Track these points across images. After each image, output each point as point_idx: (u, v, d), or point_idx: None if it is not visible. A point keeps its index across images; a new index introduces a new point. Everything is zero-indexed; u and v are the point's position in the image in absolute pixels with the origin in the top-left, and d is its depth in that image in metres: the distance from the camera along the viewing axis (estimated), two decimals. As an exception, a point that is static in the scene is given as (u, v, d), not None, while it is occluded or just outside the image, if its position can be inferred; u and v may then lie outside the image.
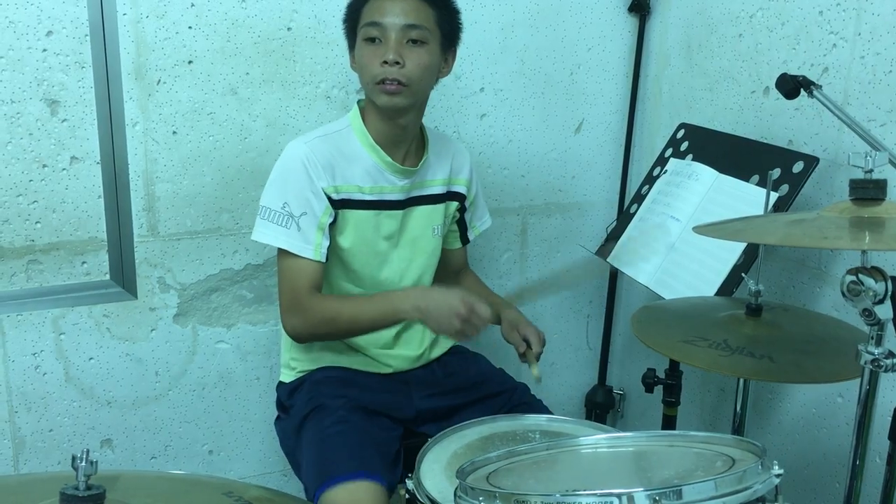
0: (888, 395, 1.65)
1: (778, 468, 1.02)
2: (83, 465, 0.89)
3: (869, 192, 1.14)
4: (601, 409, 2.45)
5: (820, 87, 1.62)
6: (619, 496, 0.94)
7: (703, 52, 2.16)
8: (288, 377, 1.77)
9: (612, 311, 2.43)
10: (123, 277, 1.90)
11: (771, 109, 1.93)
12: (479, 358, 1.90)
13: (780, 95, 1.67)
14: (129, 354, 1.95)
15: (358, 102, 1.71)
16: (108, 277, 1.89)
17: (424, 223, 1.75)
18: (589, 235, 2.39)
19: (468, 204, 1.86)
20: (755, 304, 1.45)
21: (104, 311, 1.90)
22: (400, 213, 1.71)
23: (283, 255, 1.62)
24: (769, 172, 1.56)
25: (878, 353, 1.10)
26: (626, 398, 2.52)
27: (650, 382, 1.79)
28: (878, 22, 1.66)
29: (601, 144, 2.37)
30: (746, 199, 1.71)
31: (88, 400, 1.94)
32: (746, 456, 1.07)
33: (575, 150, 2.34)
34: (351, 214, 1.65)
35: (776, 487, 1.01)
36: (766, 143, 1.87)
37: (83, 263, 1.86)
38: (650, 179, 2.03)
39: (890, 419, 1.27)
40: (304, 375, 1.75)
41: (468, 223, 1.89)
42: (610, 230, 2.08)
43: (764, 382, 1.95)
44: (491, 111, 2.21)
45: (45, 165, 1.79)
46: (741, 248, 1.67)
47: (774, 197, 1.64)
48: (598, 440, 1.21)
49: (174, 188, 1.91)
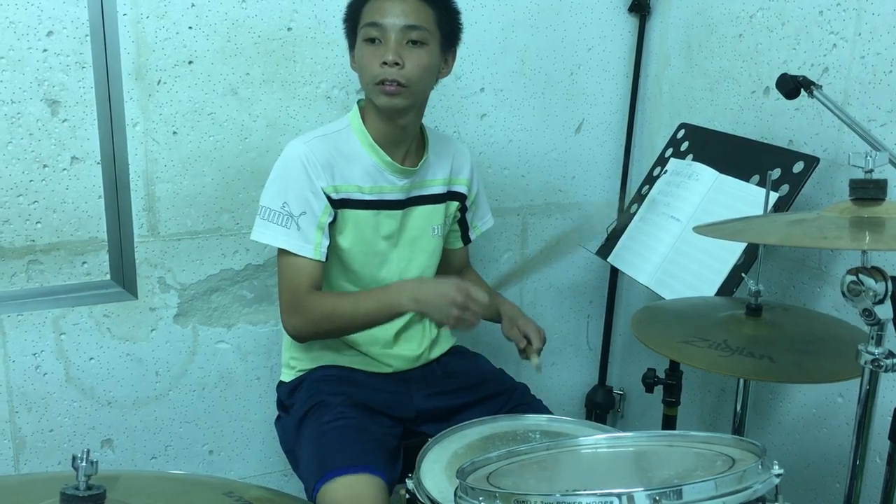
0: (888, 395, 1.65)
1: (778, 468, 1.02)
2: (83, 465, 0.90)
3: (869, 192, 1.14)
4: (601, 409, 2.45)
5: (820, 87, 1.62)
6: (619, 496, 0.94)
7: (703, 52, 2.16)
8: (288, 377, 1.78)
9: (612, 311, 2.43)
10: (124, 277, 1.90)
11: (771, 109, 1.93)
12: (479, 358, 1.90)
13: (780, 95, 1.67)
14: (129, 354, 1.95)
15: (358, 102, 1.71)
16: (108, 277, 1.89)
17: (424, 223, 1.75)
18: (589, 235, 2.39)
19: (469, 204, 1.86)
20: (755, 304, 1.45)
21: (104, 311, 1.90)
22: (399, 213, 1.71)
23: (282, 254, 1.62)
24: (769, 172, 1.56)
25: (878, 353, 1.10)
26: (626, 398, 2.52)
27: (650, 382, 1.79)
28: (878, 22, 1.66)
29: (601, 144, 2.37)
30: (747, 199, 1.71)
31: (89, 400, 1.94)
32: (746, 456, 1.07)
33: (575, 150, 2.34)
34: (350, 214, 1.65)
35: (776, 487, 1.01)
36: (766, 143, 1.87)
37: (83, 263, 1.86)
38: (650, 179, 2.03)
39: (890, 419, 1.27)
40: (303, 374, 1.75)
41: (469, 223, 1.89)
42: (610, 230, 2.08)
43: (764, 382, 1.95)
44: (491, 111, 2.21)
45: (45, 165, 1.79)
46: (741, 248, 1.67)
47: (775, 197, 1.64)
48: (598, 440, 1.21)
49: (174, 188, 1.91)
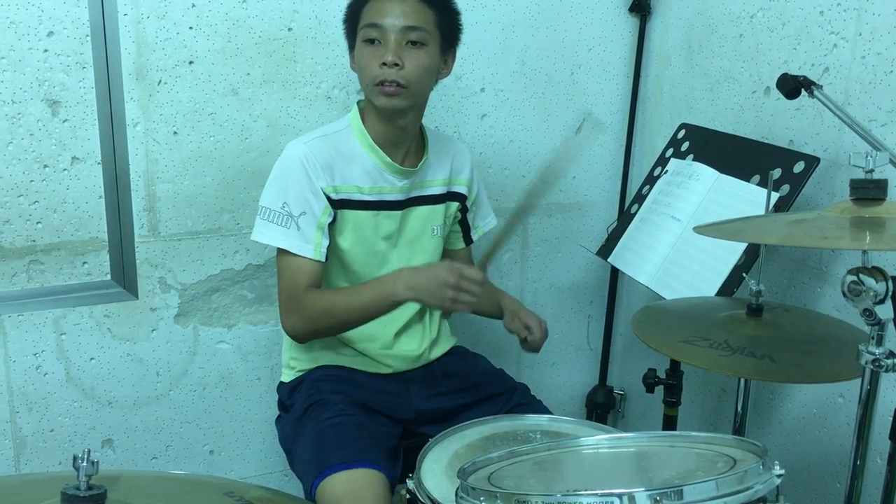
0: (889, 395, 1.65)
1: (779, 468, 1.02)
2: (84, 465, 0.89)
3: (870, 192, 1.14)
4: (602, 409, 2.45)
5: (821, 87, 1.62)
6: (620, 496, 0.94)
7: (703, 52, 2.15)
8: (288, 377, 1.78)
9: (612, 311, 2.43)
10: (124, 278, 1.90)
11: (772, 109, 1.93)
12: (478, 358, 1.90)
13: (780, 95, 1.67)
14: (130, 355, 1.95)
15: (358, 103, 1.71)
16: (108, 278, 1.89)
17: (423, 223, 1.75)
18: (589, 236, 2.39)
19: (469, 204, 1.86)
20: (756, 304, 1.44)
21: (105, 311, 1.90)
22: (399, 213, 1.71)
23: (282, 254, 1.62)
24: (770, 172, 1.56)
25: (878, 353, 1.10)
26: (626, 398, 2.52)
27: (651, 383, 1.78)
28: (878, 22, 1.66)
29: (602, 144, 2.36)
30: (747, 199, 1.71)
31: (89, 400, 1.94)
32: (747, 456, 1.07)
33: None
34: (350, 215, 1.65)
35: (777, 488, 1.01)
36: (766, 143, 1.87)
37: (84, 264, 1.86)
38: (651, 179, 2.03)
39: (891, 419, 1.27)
40: (303, 374, 1.75)
41: (471, 223, 1.89)
42: (611, 230, 2.08)
43: (765, 382, 1.95)
44: (492, 111, 2.21)
45: (46, 166, 1.79)
46: (742, 248, 1.67)
47: (775, 197, 1.64)
48: (599, 440, 1.21)
49: (175, 188, 1.91)
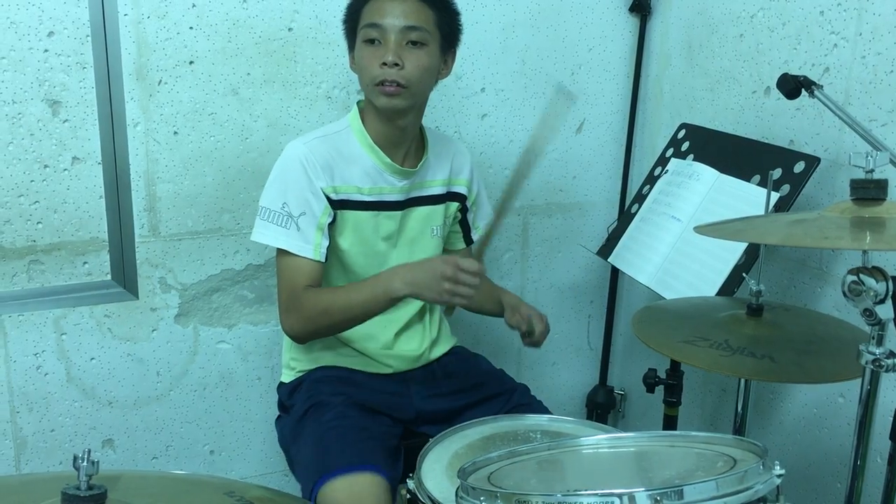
0: (889, 395, 1.65)
1: (779, 468, 1.02)
2: (85, 465, 0.90)
3: (870, 192, 1.14)
4: (602, 409, 2.45)
5: (821, 87, 1.62)
6: (620, 496, 0.94)
7: (703, 52, 2.15)
8: (288, 377, 1.77)
9: (613, 311, 2.43)
10: (125, 278, 1.90)
11: (772, 109, 1.93)
12: (479, 359, 1.89)
13: (781, 95, 1.67)
14: (130, 354, 1.95)
15: (358, 103, 1.71)
16: (109, 278, 1.89)
17: (423, 224, 1.75)
18: (590, 235, 2.39)
19: (469, 204, 1.85)
20: (756, 304, 1.45)
21: (105, 311, 1.90)
22: (399, 213, 1.71)
23: (282, 255, 1.62)
24: (770, 172, 1.56)
25: (879, 352, 1.10)
26: (627, 398, 2.52)
27: (651, 382, 1.78)
28: (879, 22, 1.66)
29: (602, 144, 2.36)
30: (747, 199, 1.71)
31: (90, 400, 1.94)
32: (748, 456, 1.07)
33: (576, 150, 2.34)
34: (350, 215, 1.65)
35: (777, 487, 1.01)
36: (767, 143, 1.87)
37: (84, 264, 1.86)
38: (651, 179, 2.03)
39: (891, 419, 1.26)
40: (303, 375, 1.74)
41: (471, 224, 1.89)
42: (611, 230, 2.08)
43: (765, 382, 1.95)
44: (492, 111, 2.21)
45: (46, 166, 1.79)
46: (742, 248, 1.67)
47: (775, 197, 1.64)
48: (599, 440, 1.21)
49: (175, 188, 1.91)
